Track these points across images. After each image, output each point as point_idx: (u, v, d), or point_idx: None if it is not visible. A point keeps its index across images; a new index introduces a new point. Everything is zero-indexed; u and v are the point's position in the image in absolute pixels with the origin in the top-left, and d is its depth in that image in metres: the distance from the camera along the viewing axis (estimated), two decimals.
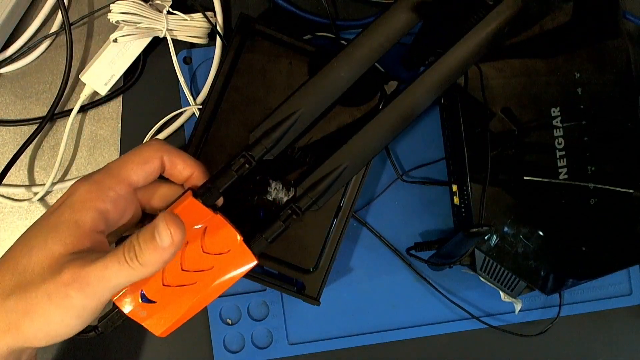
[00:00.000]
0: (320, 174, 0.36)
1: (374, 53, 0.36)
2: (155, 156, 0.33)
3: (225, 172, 0.35)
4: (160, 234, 0.28)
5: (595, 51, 0.42)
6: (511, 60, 0.41)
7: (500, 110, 0.41)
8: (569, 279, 0.43)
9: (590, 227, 0.43)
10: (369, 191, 0.46)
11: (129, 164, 0.32)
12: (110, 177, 0.31)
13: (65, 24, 0.41)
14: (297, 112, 0.36)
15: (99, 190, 0.31)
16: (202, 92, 0.45)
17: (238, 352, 0.46)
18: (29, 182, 0.45)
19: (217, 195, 0.34)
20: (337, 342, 0.46)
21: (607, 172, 0.42)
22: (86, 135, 0.45)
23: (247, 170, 0.35)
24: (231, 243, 0.33)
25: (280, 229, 0.36)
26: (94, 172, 0.32)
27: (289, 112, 0.36)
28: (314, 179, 0.36)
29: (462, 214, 0.43)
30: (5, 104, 0.45)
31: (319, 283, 0.41)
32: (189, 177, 0.34)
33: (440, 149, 0.46)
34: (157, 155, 0.33)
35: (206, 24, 0.43)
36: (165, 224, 0.28)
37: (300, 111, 0.36)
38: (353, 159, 0.36)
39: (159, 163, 0.33)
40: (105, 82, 0.43)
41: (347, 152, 0.36)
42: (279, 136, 0.36)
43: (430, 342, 0.47)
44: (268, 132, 0.36)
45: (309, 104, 0.36)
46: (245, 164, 0.35)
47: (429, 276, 0.46)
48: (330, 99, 0.36)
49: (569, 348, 0.48)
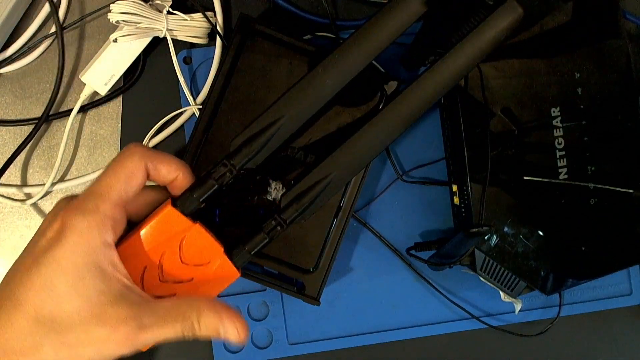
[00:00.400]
0: (307, 184, 0.34)
1: (361, 59, 0.34)
2: (139, 167, 0.31)
3: (204, 181, 0.33)
4: (227, 331, 0.31)
5: (595, 51, 0.42)
6: (511, 60, 0.41)
7: (500, 110, 0.41)
8: (569, 279, 0.43)
9: (590, 227, 0.43)
10: (369, 191, 0.46)
11: (117, 182, 0.31)
12: (103, 202, 0.30)
13: (57, 28, 0.41)
14: (280, 120, 0.34)
15: (99, 224, 0.29)
16: (202, 92, 0.45)
17: (238, 352, 0.46)
18: (29, 182, 0.45)
19: (196, 204, 0.33)
20: (337, 342, 0.46)
21: (607, 172, 0.42)
22: (86, 135, 0.45)
23: (228, 179, 0.33)
24: (211, 254, 0.33)
25: (264, 241, 0.34)
26: (83, 198, 0.30)
27: (271, 119, 0.34)
28: (300, 190, 0.34)
29: (462, 214, 0.43)
30: (5, 104, 0.45)
31: (319, 283, 0.41)
32: (173, 180, 0.33)
33: (440, 149, 0.46)
34: (141, 166, 0.31)
35: (206, 24, 0.43)
36: (232, 324, 0.31)
37: (283, 119, 0.34)
38: (342, 168, 0.34)
39: (143, 173, 0.32)
40: (106, 82, 0.43)
41: (335, 162, 0.34)
42: (260, 145, 0.34)
43: (430, 342, 0.47)
44: (249, 140, 0.34)
45: (293, 112, 0.34)
46: (227, 173, 0.33)
47: (429, 276, 0.46)
48: (315, 106, 0.35)
49: (569, 348, 0.48)
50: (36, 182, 0.45)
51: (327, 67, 0.34)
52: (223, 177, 0.33)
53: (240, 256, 0.34)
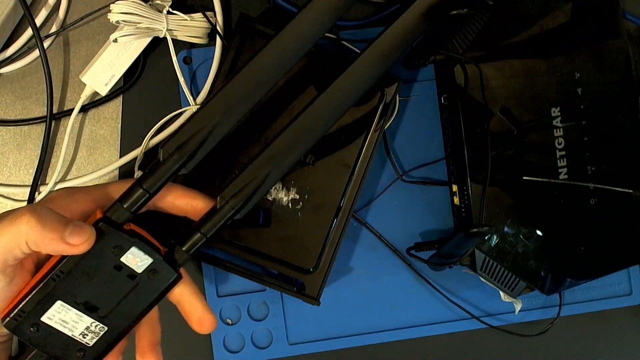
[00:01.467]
0: (243, 182, 0.34)
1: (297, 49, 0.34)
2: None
3: (133, 191, 0.32)
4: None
5: (595, 51, 0.42)
6: (511, 60, 0.41)
7: (499, 110, 0.41)
8: (568, 279, 0.43)
9: (590, 227, 0.43)
10: (369, 191, 0.46)
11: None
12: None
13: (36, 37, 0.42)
14: (212, 122, 0.33)
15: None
16: (202, 92, 0.44)
17: (238, 352, 0.46)
18: (29, 182, 0.45)
19: (126, 215, 0.32)
20: (337, 342, 0.46)
21: (607, 172, 0.42)
22: (86, 135, 0.45)
23: (158, 188, 0.33)
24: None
25: (202, 241, 0.34)
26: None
27: (203, 123, 0.33)
28: (236, 188, 0.34)
29: (462, 214, 0.43)
30: (5, 104, 0.45)
31: (319, 283, 0.41)
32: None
33: (440, 149, 0.46)
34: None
35: (206, 24, 0.43)
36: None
37: (215, 121, 0.33)
38: (277, 162, 0.34)
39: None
40: (106, 83, 0.43)
41: (269, 158, 0.34)
42: (193, 149, 0.33)
43: (430, 342, 0.47)
44: (181, 145, 0.33)
45: (225, 113, 0.33)
46: (157, 182, 0.32)
47: (429, 276, 0.46)
48: (250, 102, 0.34)
49: (569, 348, 0.48)
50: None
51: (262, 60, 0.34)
52: (154, 185, 0.32)
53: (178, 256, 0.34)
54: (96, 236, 0.30)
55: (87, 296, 0.32)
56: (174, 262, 0.33)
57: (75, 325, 0.32)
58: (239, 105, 0.34)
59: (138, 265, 0.32)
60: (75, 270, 0.31)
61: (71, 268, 0.31)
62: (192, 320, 0.35)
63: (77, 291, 0.31)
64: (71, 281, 0.31)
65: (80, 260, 0.31)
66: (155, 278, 0.32)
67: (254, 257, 0.41)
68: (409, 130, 0.46)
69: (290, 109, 0.41)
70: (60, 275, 0.30)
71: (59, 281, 0.31)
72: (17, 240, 0.29)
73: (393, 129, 0.46)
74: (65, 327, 0.32)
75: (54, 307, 0.31)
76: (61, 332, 0.32)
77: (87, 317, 0.32)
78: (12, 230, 0.29)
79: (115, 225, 0.32)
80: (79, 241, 0.30)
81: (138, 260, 0.32)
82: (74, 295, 0.31)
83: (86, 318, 0.32)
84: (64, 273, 0.31)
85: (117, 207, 0.32)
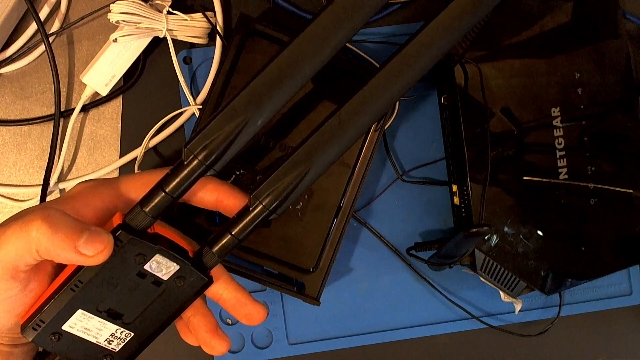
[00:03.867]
0: (278, 180, 0.30)
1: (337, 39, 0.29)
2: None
3: (155, 195, 0.29)
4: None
5: (595, 51, 0.42)
6: (511, 60, 0.41)
7: (500, 111, 0.41)
8: (568, 279, 0.43)
9: (590, 227, 0.43)
10: (369, 191, 0.46)
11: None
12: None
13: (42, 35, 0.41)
14: (243, 118, 0.29)
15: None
16: (202, 92, 0.45)
17: (238, 352, 0.46)
18: (29, 182, 0.45)
19: (147, 221, 0.29)
20: (337, 342, 0.46)
21: (607, 172, 0.42)
22: (86, 135, 0.45)
23: (182, 192, 0.29)
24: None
25: (233, 244, 0.30)
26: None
27: (232, 118, 0.29)
28: (271, 187, 0.30)
29: (462, 214, 0.43)
30: (5, 104, 0.45)
31: (319, 283, 0.41)
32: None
33: (440, 149, 0.46)
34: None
35: (206, 24, 0.43)
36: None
37: (246, 116, 0.29)
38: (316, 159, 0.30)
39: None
40: (106, 83, 0.43)
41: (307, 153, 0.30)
42: (221, 149, 0.29)
43: (430, 342, 0.47)
44: (207, 145, 0.29)
45: (258, 106, 0.29)
46: (181, 186, 0.29)
47: (429, 276, 0.47)
48: (287, 93, 0.29)
49: (569, 348, 0.48)
50: (36, 182, 0.45)
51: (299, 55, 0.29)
52: (177, 189, 0.29)
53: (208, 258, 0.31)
54: (116, 244, 0.28)
55: (109, 304, 0.29)
56: (203, 266, 0.31)
57: (99, 333, 0.30)
58: (273, 98, 0.29)
59: (163, 273, 0.30)
60: (95, 279, 0.28)
61: (91, 278, 0.28)
62: (240, 315, 0.33)
63: (99, 299, 0.29)
64: (91, 290, 0.28)
65: (101, 270, 0.28)
66: (183, 284, 0.30)
67: (254, 257, 0.41)
68: (409, 130, 0.46)
69: (307, 116, 0.40)
70: (78, 285, 0.28)
71: (78, 291, 0.28)
72: (26, 248, 0.26)
73: (393, 129, 0.46)
74: (88, 334, 0.30)
75: (75, 315, 0.29)
76: (85, 339, 0.30)
77: (111, 324, 0.30)
78: (21, 236, 0.26)
79: (136, 232, 0.29)
80: (93, 251, 0.27)
81: (163, 268, 0.29)
82: (95, 303, 0.29)
83: (110, 325, 0.30)
84: (82, 283, 0.28)
85: (137, 211, 0.29)
